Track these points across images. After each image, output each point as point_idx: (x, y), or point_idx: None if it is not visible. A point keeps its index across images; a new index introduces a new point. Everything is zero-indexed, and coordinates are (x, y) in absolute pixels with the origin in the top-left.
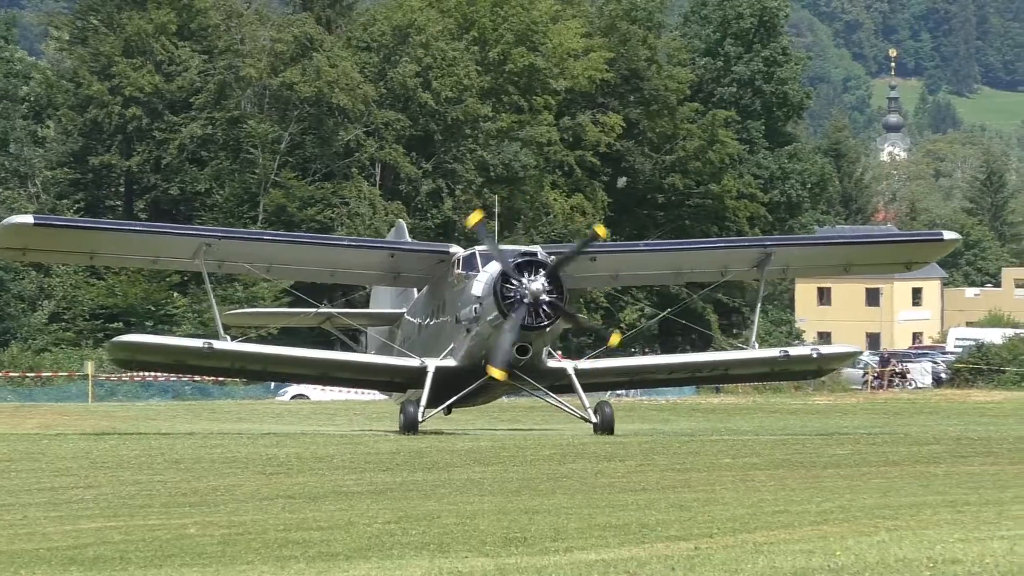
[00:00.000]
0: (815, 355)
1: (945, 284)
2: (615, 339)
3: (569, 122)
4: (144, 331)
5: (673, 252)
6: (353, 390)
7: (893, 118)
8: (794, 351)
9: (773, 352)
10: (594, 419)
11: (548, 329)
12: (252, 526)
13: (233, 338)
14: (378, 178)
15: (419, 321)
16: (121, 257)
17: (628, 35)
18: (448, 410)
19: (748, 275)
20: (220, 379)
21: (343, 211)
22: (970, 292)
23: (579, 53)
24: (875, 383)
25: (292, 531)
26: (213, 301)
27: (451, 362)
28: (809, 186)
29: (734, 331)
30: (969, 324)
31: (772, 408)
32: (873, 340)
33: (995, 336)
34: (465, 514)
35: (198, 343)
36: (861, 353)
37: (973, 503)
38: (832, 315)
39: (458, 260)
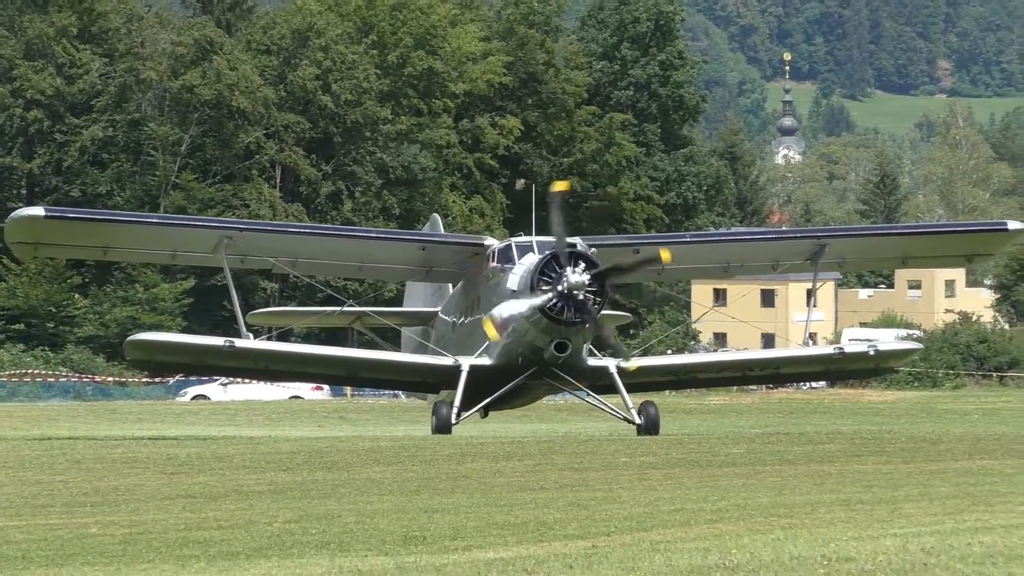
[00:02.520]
0: (872, 352)
1: (839, 285)
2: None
3: (468, 125)
4: (45, 332)
5: (723, 244)
6: (259, 389)
7: (787, 121)
8: (850, 348)
9: (828, 350)
10: (638, 420)
11: (588, 325)
12: (153, 525)
13: (256, 336)
14: (278, 180)
15: (453, 319)
16: (137, 252)
17: (526, 39)
18: (485, 412)
19: (801, 267)
20: (123, 380)
21: (243, 213)
22: (863, 293)
23: (477, 57)
24: None
25: (193, 530)
26: (235, 299)
27: (486, 361)
28: (705, 188)
29: (631, 331)
30: (862, 324)
31: (669, 408)
32: (768, 340)
33: (888, 336)
34: (365, 513)
35: (219, 342)
36: (920, 350)
37: (866, 501)
38: (727, 315)
39: (493, 253)
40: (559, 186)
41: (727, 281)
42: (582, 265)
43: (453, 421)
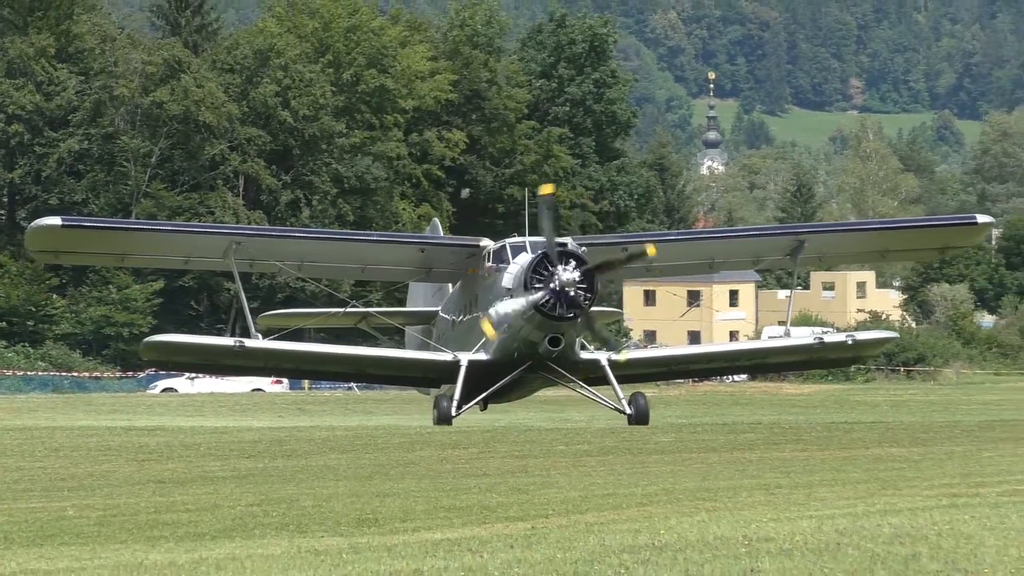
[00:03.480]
0: (850, 342)
1: (759, 287)
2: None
3: (417, 138)
4: (25, 329)
5: (707, 241)
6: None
7: (712, 135)
8: (829, 338)
9: (808, 340)
10: (628, 410)
11: (580, 320)
12: (126, 508)
13: (265, 337)
14: (241, 189)
15: (453, 318)
16: (153, 258)
17: (470, 59)
18: (484, 405)
19: (782, 263)
20: (98, 375)
21: (209, 220)
22: (782, 294)
23: (425, 75)
24: None
25: (162, 513)
26: (244, 301)
27: (483, 356)
28: (636, 197)
29: None
30: (781, 323)
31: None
32: (694, 338)
33: (804, 334)
34: (321, 497)
35: (229, 342)
36: (896, 339)
37: (784, 486)
38: (656, 315)
39: (488, 253)
40: (546, 189)
41: (654, 283)
42: (573, 263)
43: (453, 413)
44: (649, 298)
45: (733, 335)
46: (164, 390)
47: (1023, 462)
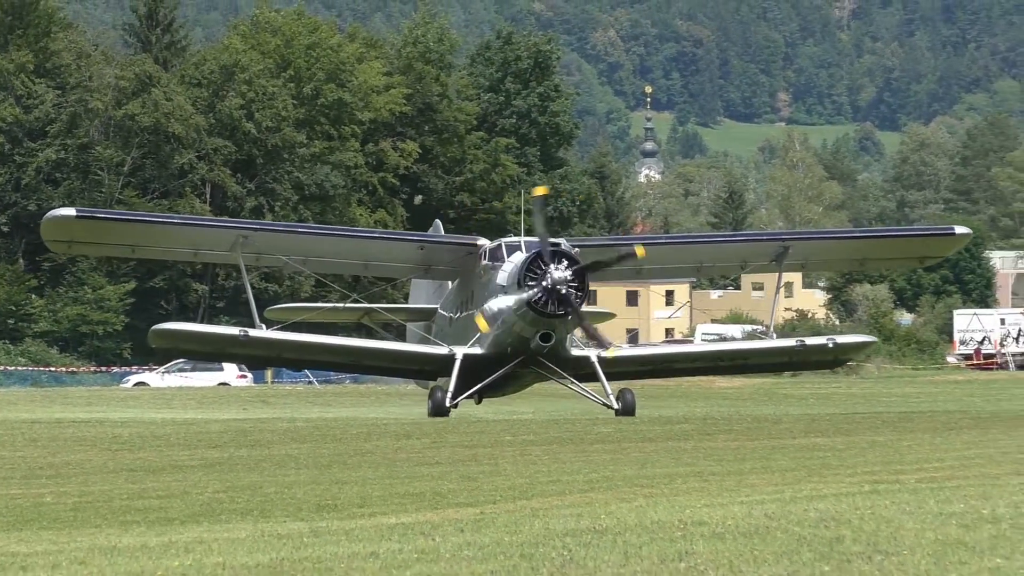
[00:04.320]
0: (830, 344)
1: (693, 287)
2: (640, 251)
3: (372, 148)
4: (6, 327)
5: (695, 245)
6: (192, 377)
7: (649, 145)
8: (810, 340)
9: (790, 342)
10: (616, 405)
11: (570, 317)
12: (100, 495)
13: (268, 327)
14: (208, 196)
15: (450, 314)
16: (163, 250)
17: (423, 74)
18: (479, 399)
19: (767, 268)
20: (74, 369)
21: None
22: (715, 294)
23: (381, 89)
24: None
25: (135, 499)
26: (250, 292)
27: (478, 350)
28: (578, 203)
29: None
30: (714, 321)
31: (546, 392)
32: (633, 335)
33: (735, 331)
34: (284, 484)
35: (234, 331)
36: (875, 343)
37: (717, 473)
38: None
39: (485, 252)
40: (540, 190)
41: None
42: (565, 262)
43: (447, 404)
44: (590, 297)
45: (669, 332)
46: (136, 384)
47: (940, 451)
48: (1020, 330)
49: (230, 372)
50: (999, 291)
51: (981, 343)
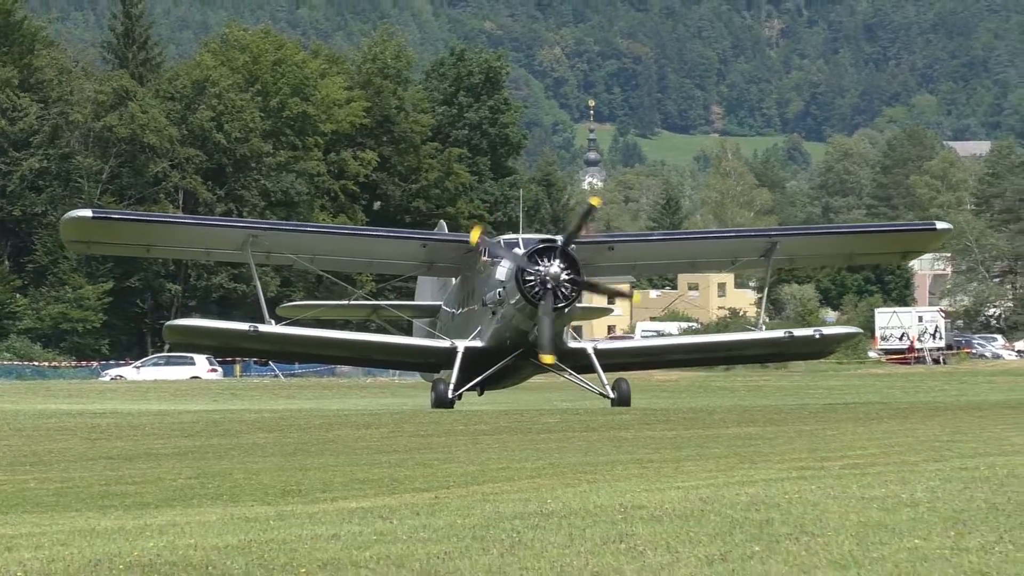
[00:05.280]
0: (817, 336)
1: (633, 287)
2: (637, 297)
3: (334, 157)
4: None
5: (687, 241)
6: (166, 371)
7: (592, 155)
8: (798, 332)
9: (779, 333)
10: (612, 395)
11: (567, 310)
12: (80, 481)
13: (278, 322)
14: (181, 202)
15: (453, 310)
16: (176, 249)
17: (381, 88)
18: (481, 391)
19: (757, 264)
20: (56, 364)
21: None
22: (653, 293)
23: (342, 102)
24: None
25: (112, 485)
26: (259, 289)
27: (479, 343)
28: (526, 209)
29: None
30: (652, 319)
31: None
32: (577, 330)
33: (672, 328)
34: (251, 471)
35: (244, 327)
36: (861, 334)
37: (655, 461)
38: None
39: (485, 248)
40: (595, 201)
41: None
42: (567, 265)
43: (450, 396)
44: None
45: (611, 329)
46: (113, 377)
47: (862, 439)
48: (936, 327)
49: (201, 366)
50: (917, 291)
51: (919, 337)
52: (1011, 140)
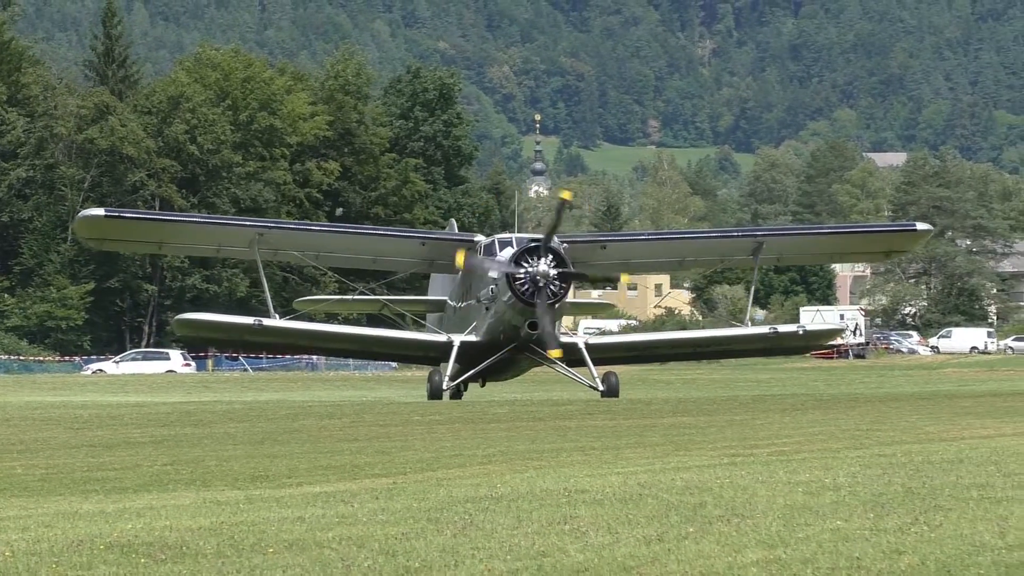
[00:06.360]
0: (801, 331)
1: (576, 287)
2: (625, 278)
3: (299, 167)
4: None
5: (678, 241)
6: (143, 365)
7: (538, 165)
8: (782, 328)
9: (764, 329)
10: (601, 387)
11: (557, 305)
12: (64, 467)
13: (281, 317)
14: (157, 209)
15: (455, 304)
16: (187, 247)
17: (343, 103)
18: (483, 382)
19: (745, 262)
20: (41, 359)
21: None
22: (595, 293)
23: (307, 116)
24: None
25: (93, 471)
26: (266, 285)
27: (474, 337)
28: (477, 215)
29: None
30: (594, 317)
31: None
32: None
33: (613, 326)
34: (223, 458)
35: (249, 320)
36: (844, 330)
37: (597, 448)
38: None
39: (480, 247)
40: (566, 195)
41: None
42: (550, 257)
43: (444, 387)
44: None
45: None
46: (95, 372)
47: (788, 428)
48: (857, 325)
49: (176, 361)
50: (839, 291)
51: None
52: (925, 151)
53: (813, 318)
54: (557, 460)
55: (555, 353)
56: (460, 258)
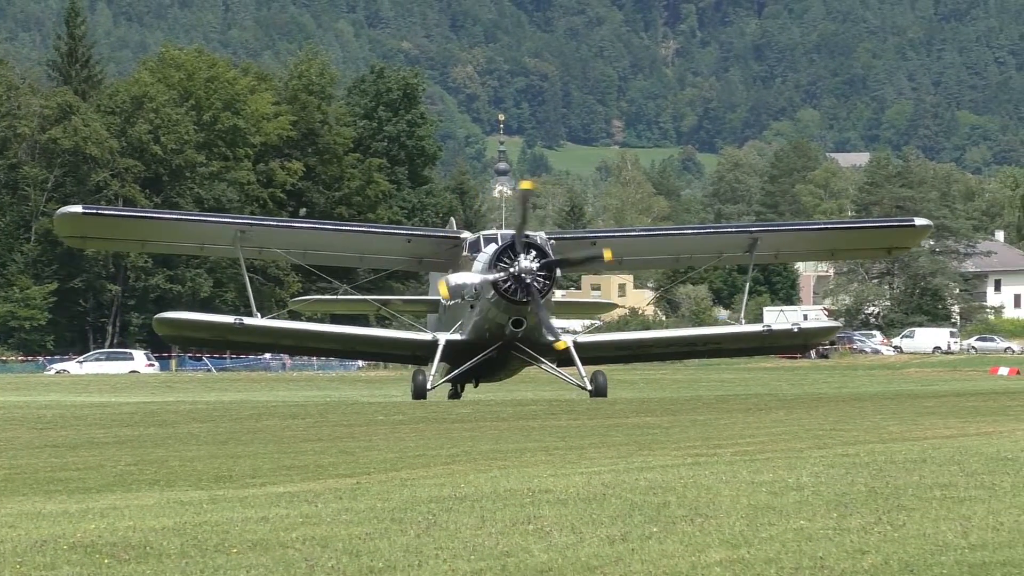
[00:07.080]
0: (795, 330)
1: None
2: (608, 254)
3: (263, 167)
4: None
5: (673, 237)
6: (106, 366)
7: (502, 165)
8: (776, 326)
9: (757, 327)
10: (589, 387)
11: (542, 300)
12: (27, 468)
13: (264, 316)
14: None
15: (446, 303)
16: (170, 244)
17: (306, 103)
18: (476, 383)
19: (741, 259)
20: (4, 359)
21: None
22: (559, 293)
23: (270, 116)
24: None
25: (57, 471)
26: (248, 283)
27: (459, 336)
28: (441, 215)
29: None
30: (558, 317)
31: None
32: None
33: (577, 325)
34: (186, 458)
35: (230, 319)
36: (839, 328)
37: (561, 448)
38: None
39: (466, 243)
40: (525, 184)
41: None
42: (534, 253)
43: (428, 387)
44: None
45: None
46: (58, 372)
47: (751, 428)
48: None
49: (139, 361)
50: (802, 291)
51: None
52: (888, 152)
53: (777, 318)
54: (521, 460)
55: (560, 345)
56: (443, 289)
